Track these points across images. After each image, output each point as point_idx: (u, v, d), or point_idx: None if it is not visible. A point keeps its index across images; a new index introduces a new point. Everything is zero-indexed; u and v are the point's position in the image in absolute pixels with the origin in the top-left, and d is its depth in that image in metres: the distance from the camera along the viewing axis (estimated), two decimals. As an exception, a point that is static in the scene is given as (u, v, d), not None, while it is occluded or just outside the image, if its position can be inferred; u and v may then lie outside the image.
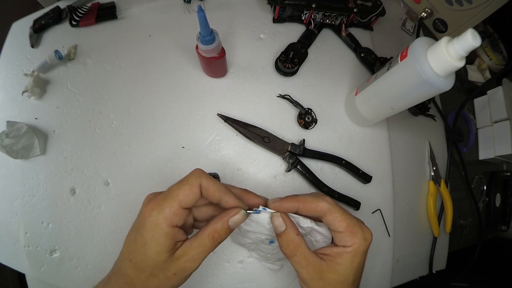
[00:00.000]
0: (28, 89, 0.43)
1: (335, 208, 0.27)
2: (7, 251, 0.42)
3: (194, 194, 0.25)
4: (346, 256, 0.26)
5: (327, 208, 0.27)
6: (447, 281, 0.53)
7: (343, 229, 0.27)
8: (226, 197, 0.27)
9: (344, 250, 0.27)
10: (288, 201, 0.28)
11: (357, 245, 0.26)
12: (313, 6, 0.46)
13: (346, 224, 0.27)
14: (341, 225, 0.27)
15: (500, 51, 0.62)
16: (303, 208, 0.28)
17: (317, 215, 0.28)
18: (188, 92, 0.45)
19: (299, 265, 0.27)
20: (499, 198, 0.58)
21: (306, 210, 0.28)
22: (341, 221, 0.27)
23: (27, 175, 0.43)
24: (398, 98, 0.36)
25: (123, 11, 0.49)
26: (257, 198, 0.30)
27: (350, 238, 0.26)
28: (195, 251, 0.25)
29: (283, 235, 0.27)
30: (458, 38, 0.27)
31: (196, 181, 0.26)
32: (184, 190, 0.25)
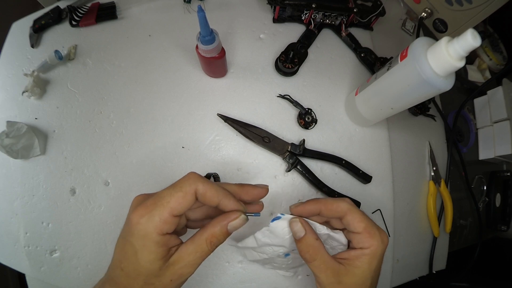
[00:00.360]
0: (28, 89, 0.43)
1: (355, 209, 0.28)
2: (7, 251, 0.42)
3: (187, 202, 0.24)
4: (364, 259, 0.26)
5: (347, 208, 0.28)
6: (447, 281, 0.53)
7: (362, 229, 0.27)
8: (225, 200, 0.25)
9: (362, 253, 0.27)
10: (310, 204, 0.29)
11: (375, 247, 0.26)
12: (313, 6, 0.46)
13: (364, 225, 0.27)
14: (360, 226, 0.27)
15: (500, 51, 0.62)
16: (325, 209, 0.29)
17: (338, 215, 0.28)
18: (188, 92, 0.45)
19: (318, 269, 0.27)
20: (499, 198, 0.58)
21: (328, 211, 0.29)
22: (360, 221, 0.27)
23: (27, 175, 0.43)
24: (398, 98, 0.36)
25: (123, 11, 0.49)
26: (255, 189, 0.29)
27: (368, 239, 0.27)
28: (192, 257, 0.24)
29: (303, 240, 0.27)
30: (458, 38, 0.27)
31: (191, 188, 0.24)
32: (177, 197, 0.23)
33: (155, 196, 0.24)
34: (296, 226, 0.28)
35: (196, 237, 0.25)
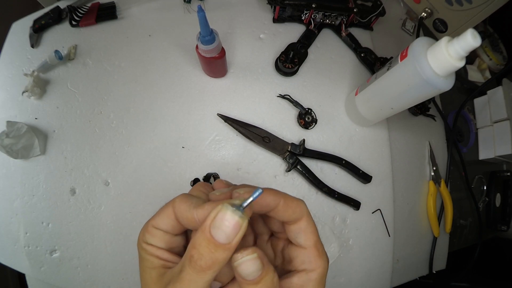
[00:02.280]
0: (28, 89, 0.43)
1: (310, 216, 0.22)
2: (7, 251, 0.42)
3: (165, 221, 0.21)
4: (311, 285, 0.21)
5: (306, 212, 0.21)
6: (447, 281, 0.53)
7: (312, 244, 0.21)
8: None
9: (307, 278, 0.21)
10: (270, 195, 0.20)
11: (322, 269, 0.21)
12: (313, 6, 0.46)
13: (315, 240, 0.21)
14: (311, 238, 0.21)
15: (500, 51, 0.62)
16: (284, 205, 0.21)
17: (294, 218, 0.21)
18: (188, 92, 0.45)
19: None
20: (499, 198, 0.58)
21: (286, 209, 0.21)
22: (312, 233, 0.21)
23: (27, 175, 0.43)
24: (398, 98, 0.36)
25: (123, 11, 0.49)
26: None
27: (316, 258, 0.21)
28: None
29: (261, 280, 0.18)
30: (458, 38, 0.27)
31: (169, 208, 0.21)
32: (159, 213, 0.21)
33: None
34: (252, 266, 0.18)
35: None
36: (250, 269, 0.18)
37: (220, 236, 0.17)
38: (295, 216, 0.21)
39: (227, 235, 0.17)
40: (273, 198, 0.20)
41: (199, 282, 0.18)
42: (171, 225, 0.21)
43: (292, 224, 0.21)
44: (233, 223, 0.17)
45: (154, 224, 0.21)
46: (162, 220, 0.21)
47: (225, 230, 0.17)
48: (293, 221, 0.21)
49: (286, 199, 0.21)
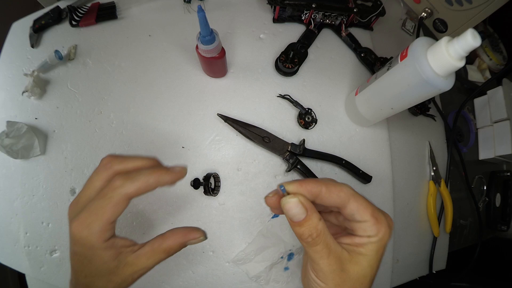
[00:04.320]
0: (28, 89, 0.43)
1: (357, 194, 0.24)
2: (7, 251, 0.42)
3: (121, 208, 0.24)
4: (371, 247, 0.23)
5: (351, 193, 0.24)
6: (447, 281, 0.53)
7: (369, 216, 0.23)
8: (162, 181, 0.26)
9: (369, 240, 0.23)
10: (309, 183, 0.24)
11: (383, 234, 0.23)
12: (313, 6, 0.46)
13: (371, 211, 0.24)
14: (366, 213, 0.24)
15: (500, 51, 0.62)
16: (327, 192, 0.24)
17: (340, 201, 0.24)
18: (188, 92, 0.45)
19: (319, 255, 0.23)
20: (499, 198, 0.58)
21: (330, 195, 0.24)
22: (366, 208, 0.24)
23: (27, 175, 0.43)
24: (398, 98, 0.36)
25: (123, 11, 0.49)
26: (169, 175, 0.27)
27: (376, 226, 0.23)
28: (150, 261, 0.26)
29: (304, 223, 0.23)
30: (458, 38, 0.27)
31: (121, 196, 0.24)
32: (109, 208, 0.24)
33: (87, 209, 0.24)
34: (295, 208, 0.23)
35: (156, 245, 0.26)
36: (293, 210, 0.23)
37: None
38: (340, 200, 0.24)
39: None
40: (314, 185, 0.24)
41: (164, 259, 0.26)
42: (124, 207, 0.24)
43: (342, 208, 0.24)
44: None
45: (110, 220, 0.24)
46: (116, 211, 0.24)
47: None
48: (341, 205, 0.24)
49: (328, 185, 0.24)
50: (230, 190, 0.42)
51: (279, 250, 0.41)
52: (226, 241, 0.41)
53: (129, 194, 0.24)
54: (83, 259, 0.25)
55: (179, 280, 0.40)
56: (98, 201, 0.24)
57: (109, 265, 0.25)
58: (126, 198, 0.24)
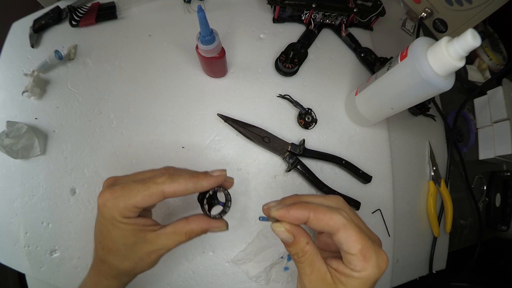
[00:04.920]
0: (28, 89, 0.43)
1: (351, 225, 0.23)
2: (7, 251, 0.42)
3: (153, 200, 0.25)
4: (352, 281, 0.23)
5: (342, 223, 0.23)
6: (447, 281, 0.53)
7: (357, 251, 0.22)
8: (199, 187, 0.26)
9: (351, 274, 0.23)
10: (295, 209, 0.24)
11: (367, 273, 0.22)
12: (313, 6, 0.46)
13: (360, 246, 0.22)
14: (355, 246, 0.22)
15: (500, 51, 0.62)
16: (314, 219, 0.23)
17: (329, 229, 0.23)
18: (188, 92, 0.45)
19: (303, 271, 0.25)
20: (499, 198, 0.58)
21: (317, 222, 0.23)
22: (356, 241, 0.23)
23: (27, 175, 0.43)
24: (398, 98, 0.36)
25: (123, 11, 0.49)
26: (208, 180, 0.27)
27: (362, 263, 0.22)
28: (170, 241, 0.27)
29: (292, 245, 0.25)
30: (458, 38, 0.27)
31: (158, 190, 0.25)
32: (143, 196, 0.25)
33: (124, 184, 0.26)
34: (282, 234, 0.24)
35: (178, 227, 0.27)
36: (281, 235, 0.25)
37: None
38: (329, 228, 0.23)
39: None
40: (301, 212, 0.24)
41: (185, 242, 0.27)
42: (155, 201, 0.25)
43: (332, 235, 0.24)
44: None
45: (139, 206, 0.25)
46: (147, 202, 0.25)
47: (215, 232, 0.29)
48: (331, 233, 0.24)
49: (317, 213, 0.23)
50: (230, 190, 0.42)
51: (279, 250, 0.41)
52: (226, 241, 0.41)
53: (165, 192, 0.25)
54: (103, 229, 0.26)
55: (179, 280, 0.40)
56: (136, 184, 0.26)
57: (127, 240, 0.26)
58: (162, 194, 0.25)
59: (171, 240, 0.27)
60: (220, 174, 0.27)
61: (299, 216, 0.24)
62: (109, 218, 0.25)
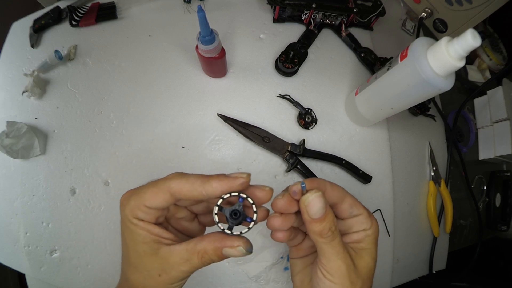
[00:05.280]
0: (28, 89, 0.43)
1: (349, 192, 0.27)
2: (7, 251, 0.42)
3: (161, 198, 0.23)
4: (369, 240, 0.25)
5: (345, 191, 0.27)
6: (447, 281, 0.53)
7: (363, 209, 0.26)
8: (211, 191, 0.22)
9: (366, 234, 0.25)
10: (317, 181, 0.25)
11: (375, 225, 0.26)
12: (313, 6, 0.46)
13: (363, 205, 0.26)
14: (360, 206, 0.26)
15: (500, 51, 0.62)
16: (330, 189, 0.26)
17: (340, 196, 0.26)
18: (188, 92, 0.45)
19: (336, 251, 0.23)
20: (499, 198, 0.58)
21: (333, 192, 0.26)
22: (359, 203, 0.26)
23: (27, 175, 0.43)
24: (398, 98, 0.36)
25: (123, 11, 0.49)
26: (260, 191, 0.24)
27: (370, 218, 0.26)
28: (182, 262, 0.23)
29: (325, 217, 0.23)
30: (458, 38, 0.27)
31: (164, 186, 0.23)
32: (151, 192, 0.23)
33: (143, 185, 0.24)
34: (318, 203, 0.23)
35: (191, 245, 0.23)
36: (316, 207, 0.23)
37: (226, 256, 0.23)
38: (340, 196, 0.26)
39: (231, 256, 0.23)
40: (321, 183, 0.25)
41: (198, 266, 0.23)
42: (165, 202, 0.23)
43: (341, 203, 0.26)
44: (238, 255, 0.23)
45: (148, 204, 0.23)
46: (155, 199, 0.23)
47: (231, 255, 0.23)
48: (340, 201, 0.26)
49: (329, 184, 0.26)
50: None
51: (279, 250, 0.41)
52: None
53: (171, 188, 0.22)
54: (121, 229, 0.24)
55: (179, 280, 0.40)
56: (150, 182, 0.24)
57: (136, 246, 0.23)
58: (168, 191, 0.22)
59: (182, 261, 0.23)
60: (237, 176, 0.23)
61: (320, 186, 0.25)
62: (123, 217, 0.24)
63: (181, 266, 0.23)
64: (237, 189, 0.22)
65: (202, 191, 0.22)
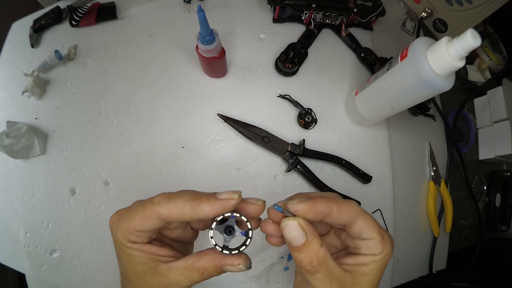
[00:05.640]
0: (28, 89, 0.43)
1: (365, 212, 0.23)
2: (7, 251, 0.42)
3: (150, 224, 0.22)
4: (374, 266, 0.23)
5: (359, 211, 0.23)
6: (447, 281, 0.53)
7: (376, 234, 0.23)
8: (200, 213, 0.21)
9: (373, 259, 0.23)
10: (322, 201, 0.22)
11: (387, 252, 0.23)
12: (313, 6, 0.46)
13: (378, 229, 0.23)
14: (374, 230, 0.23)
15: (500, 51, 0.62)
16: (338, 211, 0.22)
17: (349, 219, 0.22)
18: (188, 92, 0.45)
19: (320, 283, 0.22)
20: (499, 198, 0.58)
21: (340, 214, 0.22)
22: (373, 225, 0.23)
23: (27, 175, 0.43)
24: (398, 98, 0.36)
25: (123, 11, 0.49)
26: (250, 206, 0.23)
27: (382, 243, 0.23)
28: (183, 277, 0.23)
29: (303, 248, 0.21)
30: (458, 38, 0.27)
31: (153, 212, 0.22)
32: (140, 218, 0.22)
33: (129, 206, 0.24)
34: (294, 231, 0.21)
35: (190, 261, 0.23)
36: (292, 234, 0.21)
37: (226, 271, 0.23)
38: (350, 218, 0.22)
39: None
40: (326, 204, 0.22)
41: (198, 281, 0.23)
42: (155, 226, 0.22)
43: (350, 226, 0.23)
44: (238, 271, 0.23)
45: (138, 229, 0.22)
46: (145, 224, 0.22)
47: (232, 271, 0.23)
48: (349, 223, 0.23)
49: (339, 204, 0.22)
50: (230, 190, 0.42)
51: (279, 250, 0.41)
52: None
53: (160, 214, 0.22)
54: (116, 252, 0.24)
55: (179, 280, 0.40)
56: (137, 205, 0.23)
57: (135, 267, 0.23)
58: (157, 217, 0.22)
59: (182, 277, 0.23)
60: (227, 197, 0.21)
61: (324, 209, 0.21)
62: (116, 241, 0.23)
63: (182, 282, 0.23)
64: (229, 211, 0.22)
65: (193, 216, 0.22)
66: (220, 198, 0.21)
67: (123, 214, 0.23)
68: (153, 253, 0.23)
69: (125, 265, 0.24)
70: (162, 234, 0.26)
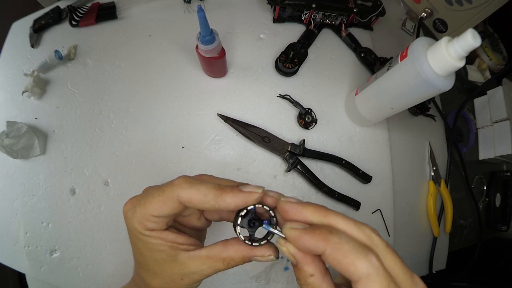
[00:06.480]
0: (28, 89, 0.43)
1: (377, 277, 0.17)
2: (7, 251, 0.42)
3: (169, 208, 0.22)
4: None
5: (365, 273, 0.17)
6: (447, 281, 0.53)
7: None
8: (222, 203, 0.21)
9: None
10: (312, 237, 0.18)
11: None
12: (313, 6, 0.46)
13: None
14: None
15: (500, 51, 0.62)
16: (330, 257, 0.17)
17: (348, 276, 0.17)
18: (188, 92, 0.45)
19: None
20: (499, 198, 0.58)
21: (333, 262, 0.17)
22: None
23: (27, 175, 0.43)
24: (398, 98, 0.36)
25: (123, 11, 0.49)
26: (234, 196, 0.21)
27: None
28: (205, 267, 0.23)
29: (295, 268, 0.20)
30: (458, 38, 0.27)
31: (173, 195, 0.21)
32: (157, 201, 0.22)
33: (144, 192, 0.23)
34: (284, 253, 0.20)
35: (214, 251, 0.23)
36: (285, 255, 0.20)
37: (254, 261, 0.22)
38: (348, 275, 0.17)
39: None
40: (315, 243, 0.18)
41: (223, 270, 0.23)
42: (174, 210, 0.22)
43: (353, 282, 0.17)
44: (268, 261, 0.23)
45: (156, 214, 0.22)
46: (163, 209, 0.22)
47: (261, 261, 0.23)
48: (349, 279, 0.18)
49: (335, 251, 0.17)
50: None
51: None
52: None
53: (180, 198, 0.21)
54: (131, 241, 0.24)
55: (179, 280, 0.40)
56: (154, 189, 0.22)
57: (153, 255, 0.23)
58: (177, 200, 0.21)
59: (205, 266, 0.22)
60: (252, 191, 0.21)
61: (311, 246, 0.18)
62: (132, 230, 0.23)
63: (204, 271, 0.23)
64: (252, 204, 0.21)
65: (214, 205, 0.21)
66: (244, 190, 0.21)
67: (139, 200, 0.23)
68: (171, 240, 0.23)
69: (142, 253, 0.23)
70: (176, 221, 0.26)
